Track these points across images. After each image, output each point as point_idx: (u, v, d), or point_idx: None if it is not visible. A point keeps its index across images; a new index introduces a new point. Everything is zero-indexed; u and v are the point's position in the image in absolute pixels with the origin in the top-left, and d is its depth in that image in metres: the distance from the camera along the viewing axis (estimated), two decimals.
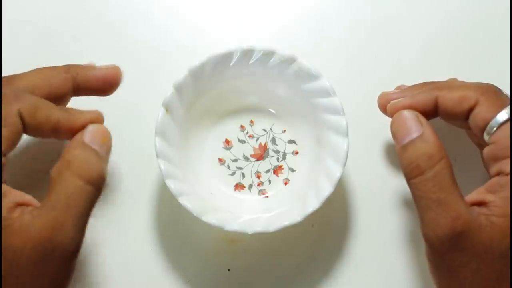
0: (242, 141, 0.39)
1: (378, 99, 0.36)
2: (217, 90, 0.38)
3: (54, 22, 0.43)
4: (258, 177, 0.39)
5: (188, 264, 0.38)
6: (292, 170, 0.39)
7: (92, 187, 0.28)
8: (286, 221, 0.33)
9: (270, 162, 0.39)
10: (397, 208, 0.39)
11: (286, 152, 0.39)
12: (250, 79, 0.38)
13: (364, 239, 0.39)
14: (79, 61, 0.38)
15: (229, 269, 0.38)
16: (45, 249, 0.26)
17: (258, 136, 0.39)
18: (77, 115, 0.30)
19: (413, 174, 0.31)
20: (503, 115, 0.31)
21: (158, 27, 0.43)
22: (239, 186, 0.38)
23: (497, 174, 0.31)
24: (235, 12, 0.44)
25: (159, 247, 0.38)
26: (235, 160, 0.39)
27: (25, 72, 0.32)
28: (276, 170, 0.39)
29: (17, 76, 0.31)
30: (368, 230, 0.39)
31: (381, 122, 0.37)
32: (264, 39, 0.43)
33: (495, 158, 0.31)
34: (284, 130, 0.39)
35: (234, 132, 0.39)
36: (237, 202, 0.38)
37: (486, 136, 0.31)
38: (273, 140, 0.39)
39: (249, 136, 0.39)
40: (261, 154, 0.39)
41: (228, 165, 0.39)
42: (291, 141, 0.39)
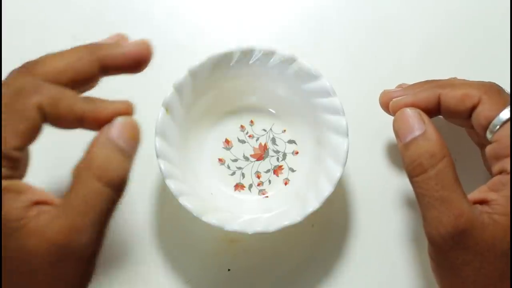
0: (242, 141, 0.39)
1: (380, 97, 0.36)
2: (217, 90, 0.38)
3: (54, 22, 0.43)
4: (258, 177, 0.39)
5: (188, 264, 0.38)
6: (292, 170, 0.39)
7: (112, 190, 0.27)
8: (286, 221, 0.33)
9: (270, 162, 0.39)
10: (397, 208, 0.39)
11: (286, 152, 0.39)
12: (250, 79, 0.38)
13: (364, 239, 0.39)
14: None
15: (229, 269, 0.38)
16: (61, 252, 0.25)
17: (258, 136, 0.39)
18: (104, 106, 0.28)
19: (416, 172, 0.31)
20: (506, 114, 0.31)
21: (158, 27, 0.43)
22: (239, 186, 0.38)
23: (500, 173, 0.31)
24: (235, 12, 0.44)
25: (159, 247, 0.38)
26: (235, 160, 0.39)
27: (47, 56, 0.29)
28: (276, 170, 0.39)
29: (40, 62, 0.29)
30: (368, 230, 0.39)
31: (381, 122, 0.37)
32: (264, 39, 0.43)
33: (498, 157, 0.31)
34: (284, 130, 0.39)
35: (234, 132, 0.39)
36: (237, 202, 0.38)
37: (489, 135, 0.31)
38: (273, 140, 0.39)
39: (249, 136, 0.39)
40: (261, 154, 0.39)
41: (228, 165, 0.39)
42: (291, 141, 0.39)
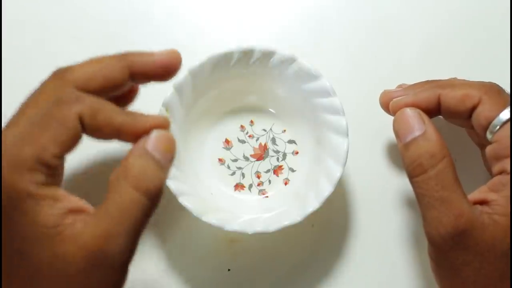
0: (242, 141, 0.39)
1: (380, 97, 0.36)
2: (217, 90, 0.38)
3: (54, 22, 0.43)
4: (258, 177, 0.39)
5: (188, 264, 0.38)
6: (292, 170, 0.39)
7: (147, 200, 0.27)
8: (286, 221, 0.33)
9: (270, 162, 0.39)
10: (398, 208, 0.39)
11: (286, 152, 0.39)
12: (250, 79, 0.38)
13: (364, 239, 0.39)
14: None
15: (229, 269, 0.38)
16: (95, 259, 0.26)
17: (258, 136, 0.39)
18: (142, 120, 0.28)
19: (416, 173, 0.31)
20: (506, 114, 0.31)
21: (158, 27, 0.43)
22: (239, 186, 0.38)
23: (500, 173, 0.31)
24: (235, 12, 0.44)
25: (159, 247, 0.38)
26: (235, 160, 0.39)
27: (78, 64, 0.30)
28: (276, 170, 0.39)
29: (69, 69, 0.29)
30: (368, 230, 0.39)
31: (381, 122, 0.37)
32: (264, 39, 0.43)
33: (498, 157, 0.31)
34: (284, 130, 0.39)
35: (234, 132, 0.39)
36: (237, 202, 0.38)
37: (489, 135, 0.31)
38: (273, 140, 0.39)
39: (249, 136, 0.39)
40: (261, 154, 0.39)
41: (228, 165, 0.39)
42: (291, 141, 0.39)
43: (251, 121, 0.40)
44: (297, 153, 0.39)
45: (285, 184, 0.38)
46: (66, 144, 0.27)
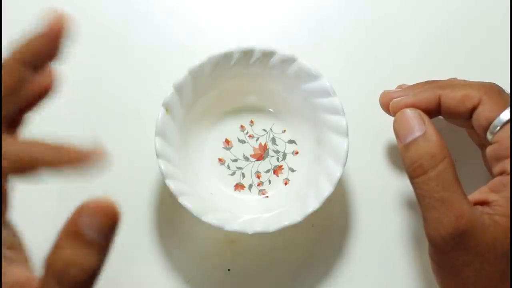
0: (242, 141, 0.39)
1: (380, 98, 0.36)
2: (217, 90, 0.38)
3: None
4: (258, 177, 0.39)
5: (188, 264, 0.38)
6: (292, 170, 0.39)
7: None
8: (286, 221, 0.33)
9: (270, 162, 0.39)
10: (397, 208, 0.39)
11: (286, 152, 0.39)
12: (250, 79, 0.38)
13: (364, 239, 0.39)
14: (79, 61, 0.38)
15: (229, 269, 0.38)
16: None
17: (258, 136, 0.39)
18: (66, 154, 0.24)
19: (416, 174, 0.31)
20: (507, 114, 0.31)
21: (158, 27, 0.43)
22: (239, 186, 0.38)
23: (500, 174, 0.31)
24: (235, 12, 0.44)
25: (159, 247, 0.38)
26: (235, 160, 0.39)
27: None
28: (276, 170, 0.39)
29: None
30: (368, 230, 0.39)
31: (382, 122, 0.37)
32: (264, 39, 0.43)
33: (498, 158, 0.31)
34: (284, 130, 0.39)
35: (234, 132, 0.39)
36: (237, 202, 0.38)
37: (489, 136, 0.31)
38: (273, 140, 0.39)
39: (249, 136, 0.39)
40: (261, 154, 0.39)
41: (228, 165, 0.39)
42: (291, 141, 0.39)
43: (251, 121, 0.40)
44: (297, 153, 0.39)
45: (285, 184, 0.38)
46: None
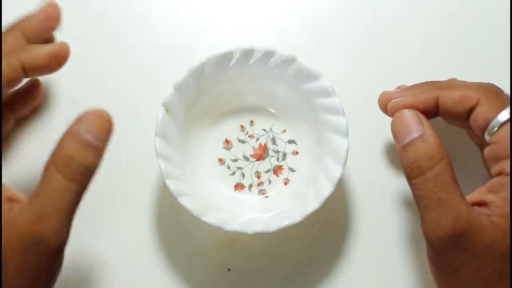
0: (242, 141, 0.39)
1: (379, 99, 0.36)
2: (217, 90, 0.38)
3: None
4: (258, 177, 0.39)
5: (188, 264, 0.38)
6: (292, 170, 0.39)
7: (75, 184, 0.28)
8: (286, 221, 0.33)
9: (270, 162, 0.39)
10: (397, 208, 0.39)
11: (286, 152, 0.39)
12: (250, 79, 0.38)
13: (364, 239, 0.39)
14: (79, 61, 0.38)
15: (229, 269, 0.38)
16: (30, 241, 0.27)
17: (258, 136, 0.39)
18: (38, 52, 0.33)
19: (414, 174, 0.31)
20: (504, 115, 0.31)
21: (158, 28, 0.43)
22: (239, 186, 0.38)
23: (498, 174, 0.31)
24: (235, 13, 0.44)
25: (159, 247, 0.38)
26: (235, 160, 0.39)
27: None
28: (276, 170, 0.39)
29: None
30: (368, 230, 0.39)
31: (381, 122, 0.37)
32: (264, 39, 0.43)
33: (496, 158, 0.31)
34: (284, 130, 0.39)
35: (234, 132, 0.39)
36: (237, 202, 0.38)
37: (487, 136, 0.31)
38: (273, 140, 0.39)
39: (249, 136, 0.39)
40: (261, 154, 0.39)
41: (228, 165, 0.39)
42: (291, 141, 0.39)
43: (251, 121, 0.40)
44: (297, 153, 0.39)
45: (285, 184, 0.38)
46: None
